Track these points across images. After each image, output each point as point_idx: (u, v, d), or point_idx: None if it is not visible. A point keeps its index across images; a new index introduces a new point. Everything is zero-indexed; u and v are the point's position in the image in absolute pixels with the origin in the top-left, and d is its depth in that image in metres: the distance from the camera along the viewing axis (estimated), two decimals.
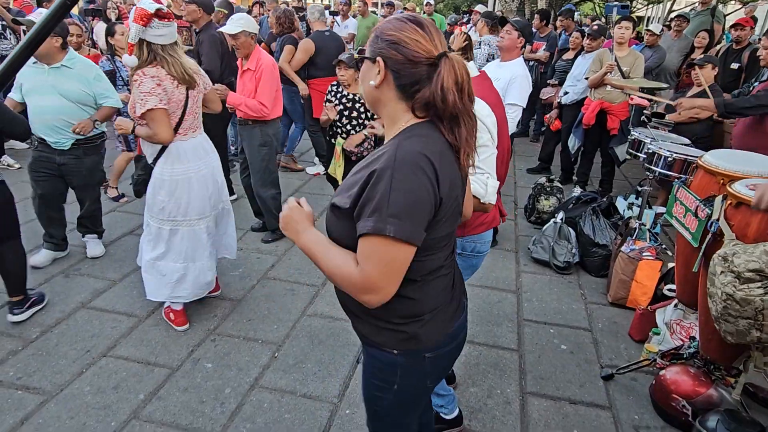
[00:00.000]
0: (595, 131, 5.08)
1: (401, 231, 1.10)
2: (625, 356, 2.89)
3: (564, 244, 3.83)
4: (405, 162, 1.11)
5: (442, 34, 1.21)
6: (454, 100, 1.14)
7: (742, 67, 5.73)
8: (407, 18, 1.19)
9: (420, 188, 1.10)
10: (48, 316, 2.97)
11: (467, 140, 1.20)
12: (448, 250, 1.33)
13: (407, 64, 1.15)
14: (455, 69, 1.14)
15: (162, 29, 2.40)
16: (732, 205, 2.09)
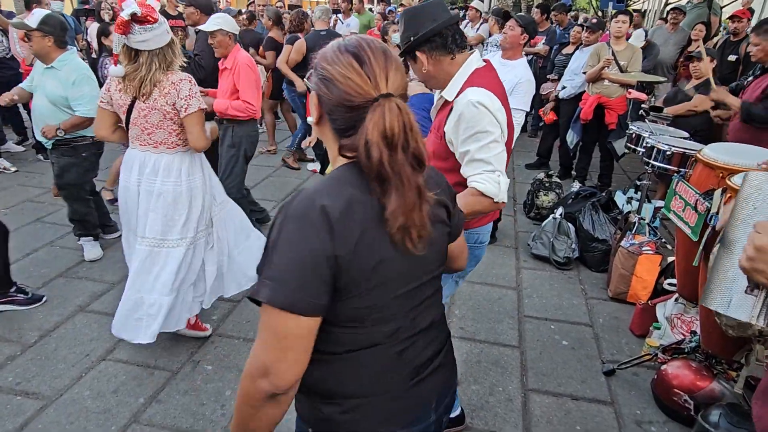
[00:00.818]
0: (593, 126, 5.07)
1: (275, 296, 0.90)
2: (627, 351, 2.89)
3: (563, 239, 3.82)
4: (294, 213, 0.93)
5: (397, 66, 1.00)
6: (379, 159, 0.91)
7: (739, 59, 5.71)
8: (347, 48, 0.98)
9: (298, 246, 0.91)
10: (46, 320, 2.96)
11: (397, 211, 0.93)
12: (390, 325, 1.04)
13: (339, 107, 0.97)
14: (386, 118, 0.91)
15: (145, 33, 2.27)
16: (732, 199, 2.07)
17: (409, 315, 1.08)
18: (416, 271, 1.06)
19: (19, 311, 3.02)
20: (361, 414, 1.05)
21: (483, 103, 1.69)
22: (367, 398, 1.06)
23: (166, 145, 2.52)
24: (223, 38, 3.48)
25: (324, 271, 0.92)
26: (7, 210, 4.45)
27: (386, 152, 0.92)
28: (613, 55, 4.74)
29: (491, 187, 1.69)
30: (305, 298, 0.91)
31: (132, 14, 2.20)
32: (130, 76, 2.36)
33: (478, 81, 1.76)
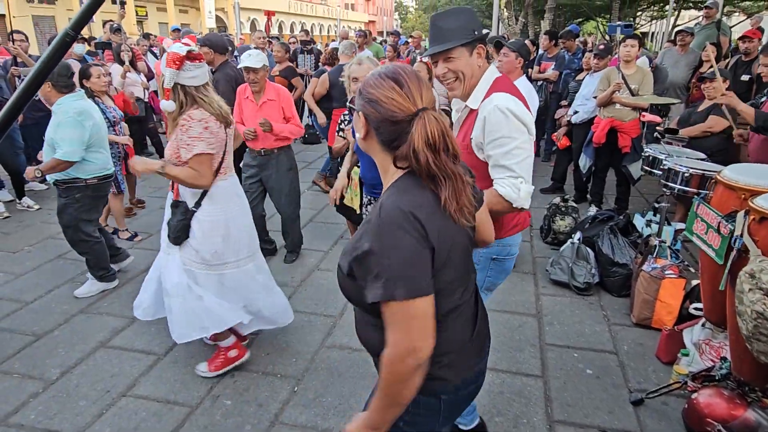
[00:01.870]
0: (605, 150, 5.04)
1: (409, 290, 1.11)
2: (654, 379, 2.80)
3: (583, 264, 3.77)
4: (387, 224, 1.13)
5: (426, 86, 1.21)
6: (426, 161, 1.14)
7: (752, 78, 5.69)
8: (387, 75, 1.20)
9: (407, 246, 1.12)
10: (69, 357, 2.98)
11: (448, 200, 1.18)
12: (461, 290, 1.32)
13: (385, 122, 1.18)
14: (427, 128, 1.13)
15: (195, 70, 2.40)
16: (755, 221, 2.04)
17: (467, 279, 1.35)
18: (467, 242, 1.32)
19: (41, 347, 3.05)
20: (452, 366, 1.31)
21: (510, 108, 1.75)
22: (455, 352, 1.31)
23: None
24: (265, 73, 3.77)
25: (427, 260, 1.15)
26: (31, 247, 4.54)
27: (431, 155, 1.14)
28: (624, 79, 4.76)
29: (511, 191, 1.76)
30: (426, 282, 1.14)
31: (189, 51, 2.34)
32: (212, 110, 2.49)
33: (502, 87, 1.84)
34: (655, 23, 28.54)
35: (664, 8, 22.01)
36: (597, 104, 5.03)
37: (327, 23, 48.42)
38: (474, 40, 1.84)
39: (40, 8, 20.71)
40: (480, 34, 1.85)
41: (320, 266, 4.22)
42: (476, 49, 1.87)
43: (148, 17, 25.83)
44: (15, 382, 2.77)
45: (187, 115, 2.42)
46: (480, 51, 1.87)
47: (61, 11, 21.34)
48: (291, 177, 4.07)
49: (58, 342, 3.13)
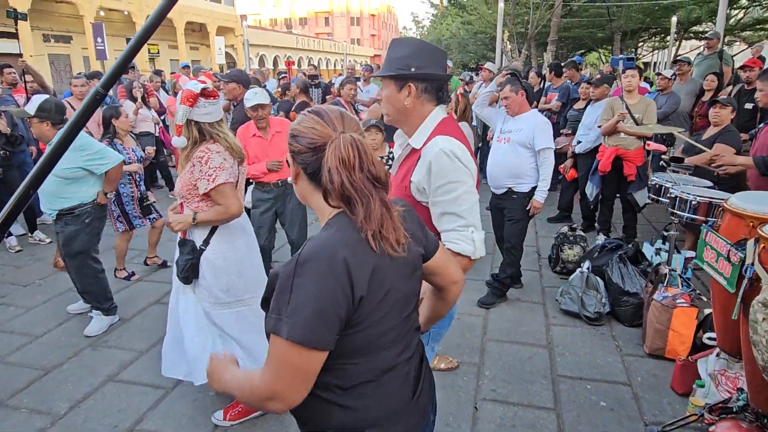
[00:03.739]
0: (612, 178, 5.07)
1: (297, 333, 1.01)
2: (670, 412, 2.74)
3: (593, 293, 3.74)
4: (310, 258, 1.05)
5: (349, 119, 1.19)
6: (341, 181, 1.08)
7: (756, 106, 5.74)
8: (310, 111, 1.20)
9: (326, 287, 1.03)
10: (76, 391, 2.97)
11: (363, 222, 1.09)
12: (399, 346, 1.20)
13: (307, 153, 1.15)
14: (341, 146, 1.09)
15: (208, 107, 2.43)
16: (766, 249, 2.03)
17: (407, 336, 1.23)
18: (407, 291, 1.21)
19: (50, 381, 3.05)
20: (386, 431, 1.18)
21: (454, 152, 1.66)
22: (387, 418, 1.18)
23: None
24: (269, 108, 3.90)
25: (342, 312, 1.04)
26: (42, 281, 4.58)
27: (345, 173, 1.08)
28: (627, 109, 4.81)
29: (465, 245, 1.65)
30: (327, 334, 1.03)
31: (204, 89, 2.38)
32: (228, 147, 2.51)
33: (446, 129, 1.74)
34: (657, 53, 29.00)
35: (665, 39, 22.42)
36: (601, 133, 5.08)
37: (333, 57, 49.53)
38: (401, 75, 1.72)
39: (56, 47, 21.38)
40: (417, 72, 1.71)
41: None
42: (405, 85, 1.72)
43: (160, 54, 26.58)
44: (23, 417, 2.75)
45: (205, 148, 2.44)
46: (410, 89, 1.72)
47: (77, 50, 22.01)
48: (304, 207, 4.13)
49: (66, 376, 3.12)
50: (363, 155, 1.11)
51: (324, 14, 64.42)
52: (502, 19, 14.21)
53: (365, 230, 1.09)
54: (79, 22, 20.68)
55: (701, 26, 20.30)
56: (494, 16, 15.74)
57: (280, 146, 3.88)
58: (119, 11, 22.96)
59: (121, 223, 4.40)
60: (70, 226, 3.47)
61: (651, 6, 18.96)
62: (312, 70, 10.55)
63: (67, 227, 3.47)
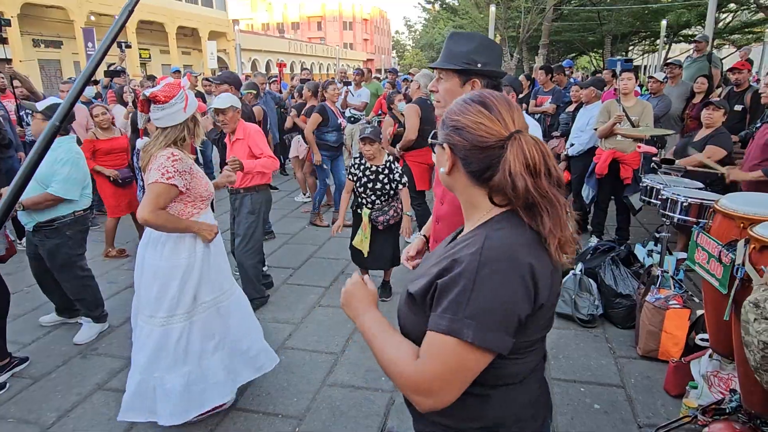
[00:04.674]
0: (607, 181, 5.08)
1: (482, 337, 0.96)
2: (663, 413, 2.74)
3: (586, 296, 3.74)
4: (495, 257, 0.98)
5: (517, 109, 1.09)
6: (525, 187, 0.99)
7: (745, 108, 5.79)
8: (472, 99, 1.10)
9: (512, 291, 0.97)
10: (65, 400, 2.92)
11: (552, 230, 1.01)
12: (540, 354, 1.15)
13: (474, 150, 1.05)
14: (524, 150, 1.00)
15: (157, 113, 2.40)
16: (756, 249, 2.03)
17: (544, 341, 1.17)
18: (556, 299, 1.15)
19: (38, 390, 3.00)
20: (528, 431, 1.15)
21: None
22: (519, 423, 1.13)
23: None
24: (234, 114, 3.81)
25: (522, 316, 0.99)
26: (29, 288, 4.51)
27: (530, 180, 1.00)
28: (624, 111, 4.83)
29: None
30: (505, 339, 0.98)
31: (145, 96, 2.38)
32: (145, 148, 2.48)
33: None
34: (647, 57, 29.25)
35: (656, 42, 22.62)
36: (598, 136, 5.10)
37: (326, 62, 49.58)
38: (467, 70, 1.74)
39: (46, 52, 21.25)
40: (483, 68, 1.74)
41: (321, 302, 4.19)
42: (469, 80, 1.76)
43: (152, 59, 26.47)
44: (10, 427, 2.71)
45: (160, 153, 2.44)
46: (474, 84, 1.76)
47: (67, 55, 21.89)
48: (249, 222, 3.90)
49: (55, 385, 3.07)
50: (548, 158, 1.03)
51: (316, 18, 64.49)
52: (493, 23, 14.28)
53: (552, 239, 1.02)
54: (69, 27, 20.58)
55: (691, 30, 20.50)
56: (486, 20, 15.82)
57: (237, 153, 3.73)
58: (110, 16, 22.84)
59: None
60: (52, 239, 3.38)
61: (641, 10, 19.14)
62: (306, 74, 10.55)
63: (48, 240, 3.38)
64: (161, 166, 2.38)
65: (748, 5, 17.67)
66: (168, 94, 2.37)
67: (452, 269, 1.00)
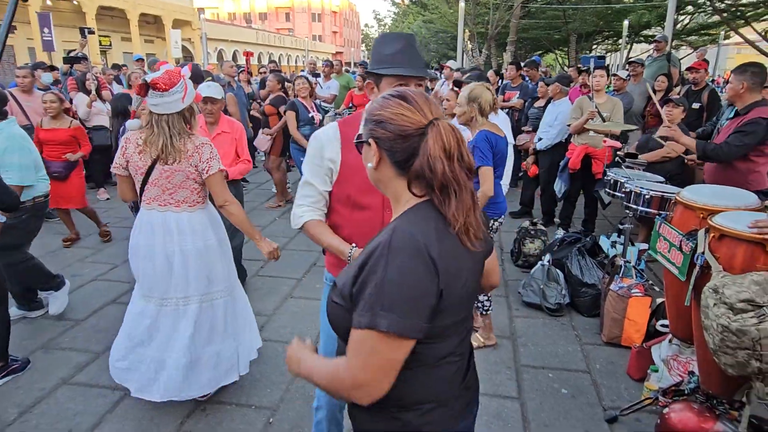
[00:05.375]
0: (579, 175, 5.22)
1: (396, 325, 1.02)
2: (627, 396, 2.86)
3: (554, 286, 3.85)
4: (399, 249, 1.05)
5: (433, 101, 1.18)
6: (442, 169, 1.08)
7: (702, 106, 6.04)
8: (391, 94, 1.18)
9: (417, 279, 1.04)
10: (27, 396, 2.83)
11: (455, 214, 1.10)
12: (458, 337, 1.22)
13: (398, 140, 1.13)
14: (442, 135, 1.10)
15: (155, 99, 2.39)
16: (715, 238, 2.14)
17: (465, 325, 1.25)
18: (474, 283, 1.23)
19: None
20: (435, 416, 1.20)
21: None
22: (441, 401, 1.21)
23: (188, 203, 2.59)
24: (222, 105, 3.77)
25: (432, 302, 1.07)
26: None
27: (447, 163, 1.09)
28: (596, 108, 4.97)
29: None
30: (420, 324, 1.05)
31: (145, 80, 2.37)
32: (149, 140, 2.44)
33: None
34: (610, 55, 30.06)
35: (618, 42, 23.27)
36: (571, 131, 5.23)
37: (294, 54, 48.96)
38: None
39: None
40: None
41: (293, 294, 4.17)
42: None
43: (112, 47, 25.58)
44: None
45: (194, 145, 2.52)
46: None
47: (21, 40, 20.90)
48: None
49: (16, 380, 2.96)
50: (461, 144, 1.11)
51: (284, 9, 63.56)
52: (463, 18, 14.42)
53: (455, 222, 1.10)
54: (23, 11, 19.59)
55: (651, 30, 21.17)
56: (455, 15, 15.94)
57: (221, 146, 3.60)
58: (68, 1, 21.96)
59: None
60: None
61: (604, 10, 19.64)
62: (273, 66, 10.40)
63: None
64: (214, 155, 2.54)
65: (705, 8, 18.37)
66: (168, 82, 2.37)
67: (366, 263, 1.07)
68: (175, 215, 2.56)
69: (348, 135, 1.77)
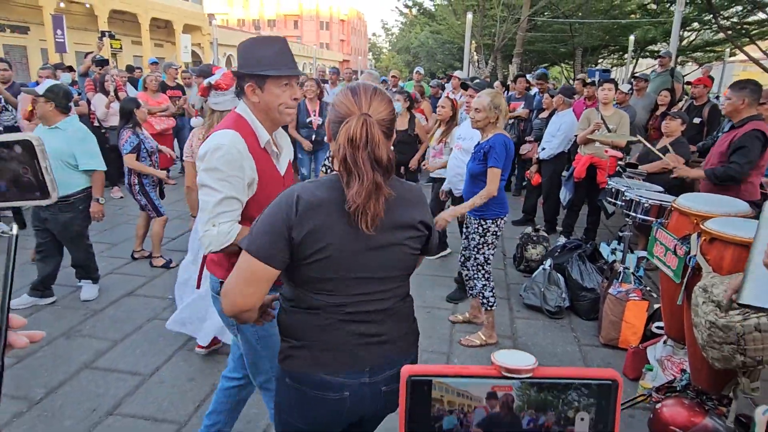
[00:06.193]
0: (583, 184, 5.38)
1: (252, 247, 1.29)
2: (622, 394, 2.98)
3: (554, 289, 3.99)
4: (283, 194, 1.31)
5: (385, 102, 1.32)
6: (344, 155, 1.24)
7: (703, 121, 6.20)
8: (350, 87, 1.36)
9: (275, 217, 1.28)
10: (52, 378, 2.98)
11: (354, 197, 1.22)
12: (335, 299, 1.35)
13: (335, 123, 1.32)
14: (351, 127, 1.24)
15: (218, 98, 2.74)
16: (706, 241, 2.29)
17: (356, 297, 1.38)
18: (370, 264, 1.36)
19: (24, 369, 3.04)
20: (304, 354, 1.38)
21: None
22: (306, 343, 1.38)
23: None
24: None
25: (283, 239, 1.28)
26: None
27: (350, 150, 1.24)
28: (603, 119, 5.13)
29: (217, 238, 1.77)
30: (267, 251, 1.28)
31: (209, 83, 2.70)
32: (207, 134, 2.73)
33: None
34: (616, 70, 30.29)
35: (623, 56, 23.46)
36: (578, 142, 5.40)
37: (302, 61, 49.38)
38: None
39: (11, 37, 20.58)
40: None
41: None
42: None
43: (123, 50, 25.91)
44: None
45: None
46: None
47: (34, 42, 21.24)
48: None
49: (41, 363, 3.12)
50: (370, 138, 1.25)
51: (293, 17, 64.20)
52: (470, 30, 14.63)
53: (352, 203, 1.23)
54: (37, 13, 19.97)
55: (657, 46, 21.37)
56: (462, 26, 16.17)
57: None
58: (81, 3, 22.29)
59: (150, 212, 4.62)
60: (66, 213, 3.64)
61: (610, 24, 19.86)
62: None
63: (62, 214, 3.62)
64: None
65: (710, 25, 18.58)
66: (228, 82, 2.67)
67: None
68: None
69: (252, 144, 1.78)
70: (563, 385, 0.70)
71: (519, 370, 0.69)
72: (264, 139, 1.83)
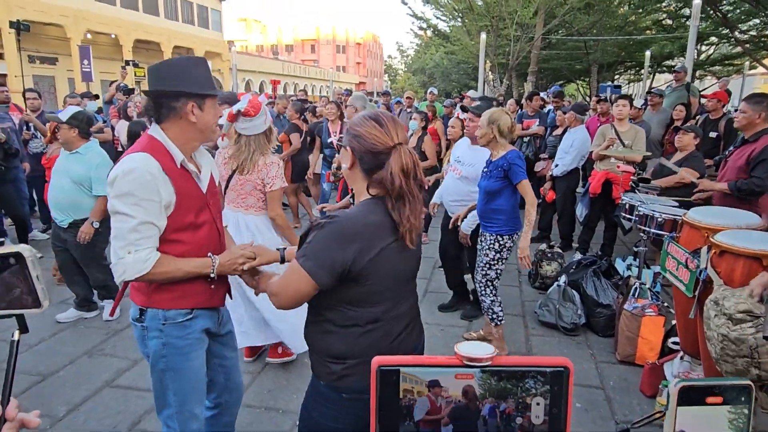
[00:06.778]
0: (599, 200, 5.36)
1: (306, 264, 1.41)
2: (639, 411, 2.94)
3: (569, 306, 3.96)
4: (336, 225, 1.41)
5: (401, 126, 1.49)
6: (400, 184, 1.41)
7: (719, 135, 6.14)
8: (369, 116, 1.49)
9: (329, 244, 1.40)
10: (75, 395, 3.06)
11: (408, 218, 1.43)
12: (380, 308, 1.49)
13: (367, 154, 1.45)
14: (402, 158, 1.42)
15: (245, 123, 2.92)
16: (717, 254, 2.28)
17: (396, 300, 1.55)
18: (407, 270, 1.57)
19: (47, 386, 3.13)
20: (358, 371, 1.47)
21: None
22: (363, 359, 1.45)
23: (255, 208, 3.12)
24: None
25: (338, 264, 1.39)
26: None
27: (404, 180, 1.42)
28: (618, 135, 5.14)
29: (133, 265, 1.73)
30: (322, 274, 1.40)
31: (238, 110, 2.86)
32: (235, 155, 2.96)
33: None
34: (632, 85, 30.16)
35: (640, 72, 23.39)
36: (593, 158, 5.41)
37: (319, 84, 50.26)
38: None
39: (41, 68, 21.46)
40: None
41: None
42: None
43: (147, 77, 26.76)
44: None
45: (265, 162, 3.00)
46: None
47: (62, 71, 22.11)
48: None
49: (64, 382, 3.21)
50: (416, 166, 1.45)
51: (310, 42, 65.55)
52: (484, 49, 14.79)
53: (406, 223, 1.43)
54: (65, 45, 20.84)
55: (673, 60, 21.28)
56: (477, 46, 16.34)
57: None
58: (106, 35, 23.19)
59: None
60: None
61: (626, 41, 19.86)
62: (302, 95, 10.87)
63: None
64: (280, 174, 3.04)
65: (728, 39, 18.46)
66: (256, 109, 2.89)
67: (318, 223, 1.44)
68: (244, 217, 3.10)
69: (167, 165, 1.74)
70: (521, 373, 0.77)
71: (479, 359, 0.76)
72: (179, 159, 1.79)
